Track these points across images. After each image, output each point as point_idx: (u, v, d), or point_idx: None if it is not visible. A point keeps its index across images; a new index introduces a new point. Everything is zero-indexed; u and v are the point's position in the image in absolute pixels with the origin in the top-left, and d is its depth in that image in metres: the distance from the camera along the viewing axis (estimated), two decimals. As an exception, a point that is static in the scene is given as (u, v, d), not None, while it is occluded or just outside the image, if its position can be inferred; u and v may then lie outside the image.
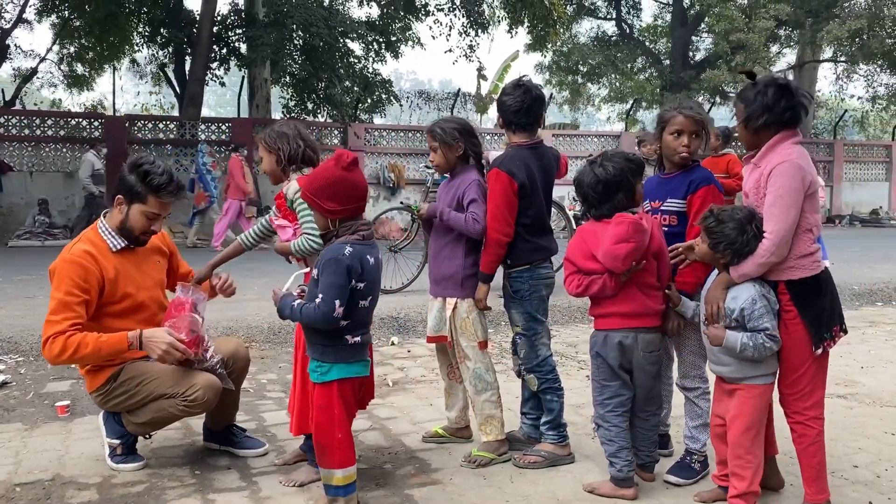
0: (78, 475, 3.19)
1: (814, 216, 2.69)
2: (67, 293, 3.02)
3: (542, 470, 3.23)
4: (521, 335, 3.35)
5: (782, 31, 23.53)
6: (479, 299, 3.31)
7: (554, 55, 25.49)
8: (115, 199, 3.20)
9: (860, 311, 7.63)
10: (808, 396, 2.73)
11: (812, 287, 2.69)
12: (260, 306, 6.33)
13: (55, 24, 20.39)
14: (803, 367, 2.72)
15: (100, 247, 3.17)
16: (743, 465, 2.75)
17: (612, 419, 2.97)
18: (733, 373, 2.78)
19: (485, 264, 3.27)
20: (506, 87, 3.38)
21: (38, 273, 9.11)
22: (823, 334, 2.69)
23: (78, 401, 4.22)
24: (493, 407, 3.36)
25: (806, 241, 2.68)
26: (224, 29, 18.95)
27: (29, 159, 15.58)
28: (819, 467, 2.75)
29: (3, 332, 5.56)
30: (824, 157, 22.15)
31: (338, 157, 2.66)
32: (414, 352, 5.62)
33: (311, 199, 2.68)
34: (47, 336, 2.97)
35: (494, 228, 3.21)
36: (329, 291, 2.58)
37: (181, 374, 3.13)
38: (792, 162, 2.62)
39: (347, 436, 2.70)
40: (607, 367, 2.96)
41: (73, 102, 25.87)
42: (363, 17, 20.83)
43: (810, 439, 2.75)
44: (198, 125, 16.96)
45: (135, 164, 3.17)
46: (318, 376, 2.69)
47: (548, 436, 3.34)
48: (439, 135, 3.33)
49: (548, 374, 3.33)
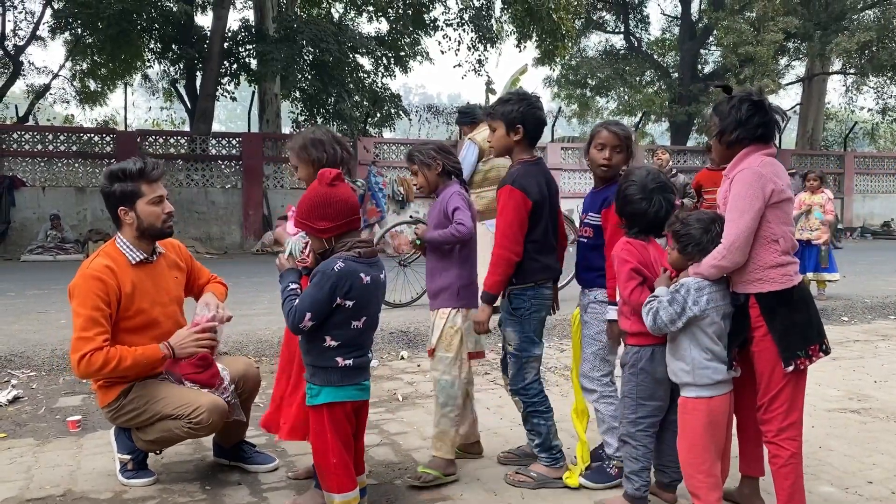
0: (89, 490, 3.19)
1: (780, 227, 2.64)
2: (94, 308, 3.04)
3: (554, 488, 3.20)
4: (513, 355, 3.26)
5: (791, 43, 23.54)
6: (481, 321, 3.21)
7: (562, 69, 25.59)
8: (119, 212, 3.20)
9: (873, 324, 7.58)
10: (782, 417, 2.66)
11: (782, 301, 2.63)
12: (269, 320, 6.34)
13: (68, 40, 20.63)
14: (776, 386, 2.65)
15: (119, 261, 3.19)
16: (696, 485, 2.70)
17: (641, 438, 2.90)
18: (673, 374, 2.81)
19: (491, 284, 3.16)
20: (506, 95, 3.35)
21: (50, 288, 9.17)
22: (796, 351, 2.61)
23: (89, 416, 4.23)
24: (450, 424, 3.31)
25: (771, 251, 2.64)
26: (234, 45, 19.13)
27: (41, 174, 15.76)
28: (792, 490, 2.66)
29: (16, 346, 5.59)
30: (835, 169, 22.10)
31: (321, 175, 2.64)
32: (424, 366, 5.61)
33: (302, 223, 2.65)
34: (84, 352, 2.98)
35: (505, 247, 3.13)
36: (305, 301, 2.54)
37: (188, 394, 3.14)
38: (752, 169, 2.63)
39: (343, 460, 2.61)
40: (651, 383, 2.88)
41: (86, 118, 26.16)
42: (372, 33, 21.03)
43: (783, 460, 2.67)
44: (208, 140, 17.11)
45: (110, 175, 3.20)
46: (310, 398, 2.64)
47: (541, 458, 3.27)
48: (417, 157, 3.43)
49: (533, 398, 3.24)
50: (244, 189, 16.68)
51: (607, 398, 3.23)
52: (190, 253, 3.64)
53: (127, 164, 3.19)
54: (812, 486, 3.19)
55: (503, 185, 3.20)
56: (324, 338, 2.58)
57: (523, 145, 3.27)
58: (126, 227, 3.23)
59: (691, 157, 20.56)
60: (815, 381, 5.18)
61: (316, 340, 2.60)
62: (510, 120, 3.20)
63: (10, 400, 4.55)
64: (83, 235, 14.99)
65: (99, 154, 16.08)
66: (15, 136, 15.87)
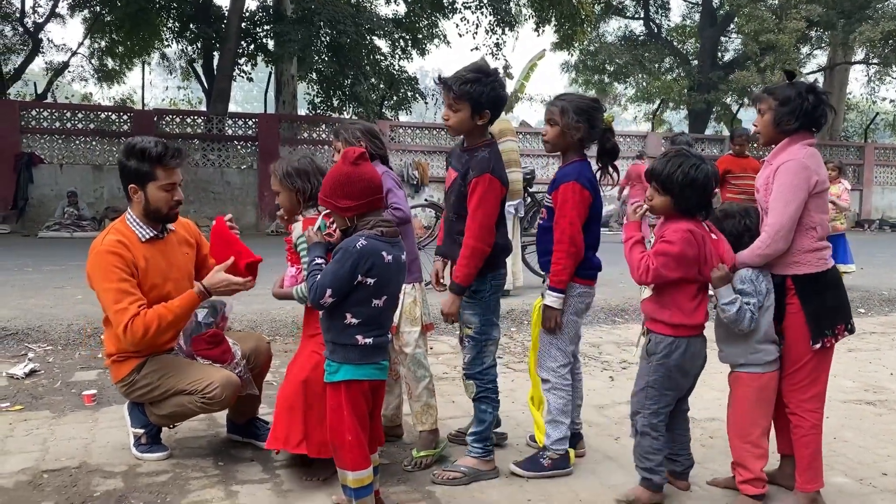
0: (104, 463, 3.23)
1: (819, 216, 2.77)
2: (119, 280, 3.06)
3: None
4: (472, 338, 3.16)
5: (813, 32, 23.23)
6: (451, 313, 3.10)
7: (581, 54, 25.41)
8: (129, 189, 3.22)
9: (890, 316, 7.51)
10: (805, 389, 2.82)
11: (816, 283, 2.78)
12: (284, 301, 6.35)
13: (87, 18, 20.71)
14: (802, 360, 2.80)
15: (130, 237, 3.20)
16: (742, 455, 2.85)
17: (661, 428, 2.89)
18: (726, 358, 2.92)
19: (465, 276, 3.02)
20: (472, 71, 3.03)
21: (67, 263, 9.25)
22: (824, 330, 2.76)
23: (104, 390, 4.27)
24: (429, 395, 3.35)
25: (809, 237, 2.76)
26: (252, 25, 19.11)
27: (59, 152, 15.85)
28: (812, 458, 2.82)
29: (33, 321, 5.64)
30: (854, 160, 21.83)
31: (345, 154, 2.63)
32: (436, 349, 5.62)
33: (325, 201, 2.64)
34: (124, 324, 3.00)
35: (481, 239, 2.99)
36: (326, 276, 2.53)
37: (201, 370, 3.16)
38: (798, 161, 2.72)
39: (358, 438, 2.60)
40: (679, 375, 2.85)
41: (103, 96, 26.26)
42: (390, 15, 20.90)
43: (804, 430, 2.82)
44: (225, 120, 17.13)
45: (129, 149, 3.18)
46: (328, 375, 2.64)
47: (473, 448, 3.17)
48: (343, 135, 3.39)
49: (488, 384, 3.17)
50: (260, 170, 16.68)
51: (559, 390, 3.16)
52: (199, 230, 3.65)
53: (149, 144, 3.16)
54: (826, 477, 3.16)
55: (481, 172, 3.00)
56: (344, 314, 2.57)
57: (484, 128, 3.11)
58: (135, 204, 3.25)
59: (709, 146, 20.37)
60: (831, 373, 5.07)
61: (337, 317, 2.60)
62: (478, 103, 2.99)
63: (27, 373, 4.60)
64: (100, 213, 15.09)
65: (116, 132, 16.15)
66: (34, 114, 15.96)
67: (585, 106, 3.10)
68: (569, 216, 3.01)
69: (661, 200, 2.81)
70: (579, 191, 3.03)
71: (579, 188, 3.03)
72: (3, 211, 14.99)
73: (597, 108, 3.13)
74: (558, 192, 3.07)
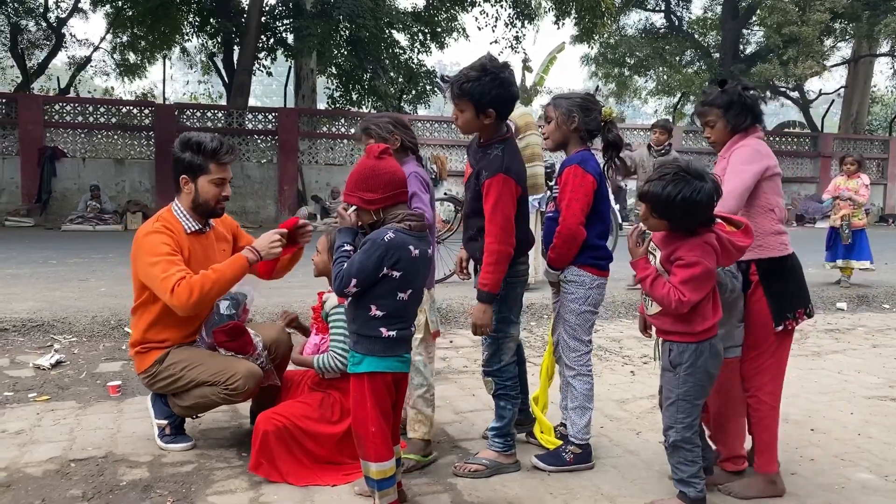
0: (129, 453, 3.27)
1: (774, 198, 2.90)
2: (167, 254, 3.11)
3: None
4: (489, 336, 3.11)
5: (837, 23, 22.88)
6: (484, 324, 2.99)
7: (601, 47, 25.24)
8: (180, 180, 3.28)
9: (914, 312, 7.41)
10: (765, 372, 2.91)
11: (778, 267, 2.89)
12: (305, 293, 6.39)
13: (109, 13, 20.89)
14: (764, 343, 2.89)
15: (176, 227, 3.26)
16: (724, 438, 2.98)
17: (695, 440, 2.73)
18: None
19: (493, 283, 2.93)
20: (474, 69, 2.93)
21: (90, 256, 9.36)
22: (786, 313, 2.87)
23: (129, 381, 4.32)
24: (425, 404, 3.29)
25: (769, 219, 2.88)
26: (272, 19, 19.18)
27: (82, 146, 16.02)
28: (769, 441, 2.93)
29: (58, 313, 5.71)
30: (879, 154, 21.54)
31: (369, 150, 2.66)
32: (456, 342, 5.63)
33: (350, 196, 2.63)
34: (170, 289, 3.03)
35: (503, 241, 2.90)
36: (352, 266, 2.54)
37: (224, 361, 3.19)
38: (749, 146, 2.89)
39: (381, 430, 2.61)
40: (707, 380, 2.69)
41: (125, 91, 26.62)
42: (409, 8, 20.88)
43: (762, 413, 2.92)
44: (245, 114, 17.21)
45: (185, 142, 3.26)
46: (352, 365, 2.66)
47: (494, 443, 3.18)
48: (374, 131, 3.23)
49: (506, 381, 3.15)
50: (280, 164, 16.78)
51: (584, 376, 3.19)
52: (236, 223, 3.70)
53: (205, 138, 3.26)
54: (850, 474, 3.15)
55: (494, 173, 2.91)
56: (369, 306, 2.58)
57: (495, 125, 3.01)
58: (184, 195, 3.30)
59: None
60: (855, 369, 5.09)
61: (362, 308, 2.61)
62: (482, 103, 2.90)
63: (53, 364, 4.66)
64: (121, 206, 15.25)
65: (137, 126, 16.30)
66: (57, 108, 16.14)
67: (577, 98, 3.20)
68: (567, 198, 3.06)
69: (658, 223, 2.63)
70: (581, 174, 3.06)
71: (581, 171, 3.07)
72: (27, 204, 15.20)
73: (589, 100, 3.21)
74: (560, 178, 3.14)
